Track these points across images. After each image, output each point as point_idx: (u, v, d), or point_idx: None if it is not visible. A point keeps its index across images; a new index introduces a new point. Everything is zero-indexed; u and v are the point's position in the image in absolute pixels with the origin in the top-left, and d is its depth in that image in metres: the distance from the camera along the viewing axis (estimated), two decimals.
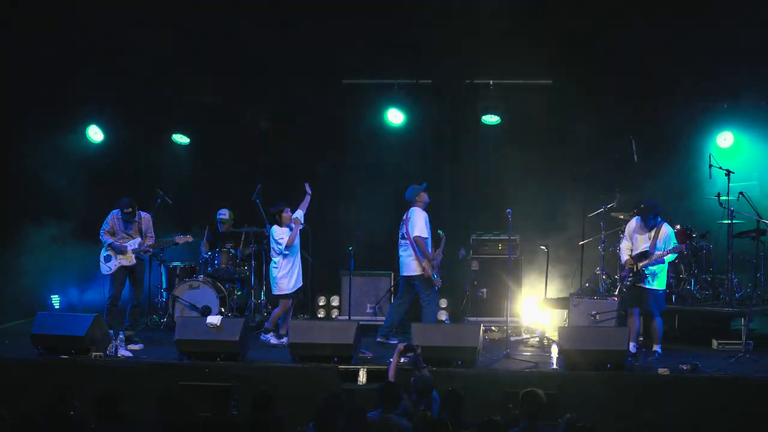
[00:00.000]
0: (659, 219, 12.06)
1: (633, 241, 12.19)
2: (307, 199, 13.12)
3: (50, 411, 8.25)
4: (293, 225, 12.80)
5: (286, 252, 12.76)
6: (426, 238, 12.81)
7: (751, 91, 14.19)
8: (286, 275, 12.80)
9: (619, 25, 13.68)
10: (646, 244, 12.00)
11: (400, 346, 10.44)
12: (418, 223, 12.79)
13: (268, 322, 12.99)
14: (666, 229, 12.03)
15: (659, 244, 11.93)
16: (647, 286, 11.93)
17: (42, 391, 8.70)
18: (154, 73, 14.46)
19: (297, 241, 12.90)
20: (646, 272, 11.89)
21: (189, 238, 13.34)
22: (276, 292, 12.96)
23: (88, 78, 14.43)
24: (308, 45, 14.26)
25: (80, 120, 15.17)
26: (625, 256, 12.18)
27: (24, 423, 7.89)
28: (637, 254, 12.04)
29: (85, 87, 14.64)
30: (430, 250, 12.83)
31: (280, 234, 12.79)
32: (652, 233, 11.99)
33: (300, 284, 13.02)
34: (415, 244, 12.74)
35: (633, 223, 12.35)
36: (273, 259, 12.95)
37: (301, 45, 14.25)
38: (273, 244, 12.89)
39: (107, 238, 12.75)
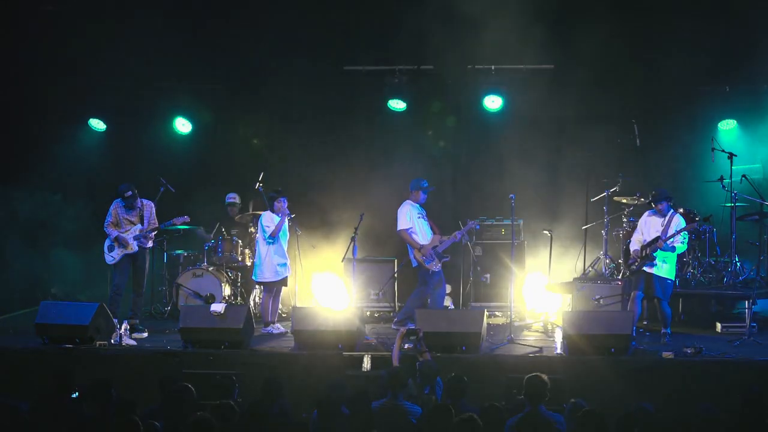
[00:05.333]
0: (672, 210, 12.09)
1: (645, 231, 12.17)
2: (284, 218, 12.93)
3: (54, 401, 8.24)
4: (283, 214, 12.79)
5: (270, 240, 12.76)
6: (409, 229, 12.63)
7: (754, 75, 14.15)
8: (269, 263, 12.77)
9: (621, 10, 13.66)
10: (658, 231, 12.00)
11: (402, 330, 10.44)
12: (399, 217, 12.71)
13: (264, 316, 12.93)
14: (677, 219, 12.09)
15: (670, 231, 11.96)
16: (654, 272, 11.93)
17: (45, 381, 8.68)
18: (155, 62, 14.45)
19: (285, 230, 12.87)
20: (654, 254, 11.88)
21: (187, 218, 13.33)
22: (258, 279, 12.97)
23: (90, 70, 14.42)
24: (309, 31, 14.24)
25: (82, 110, 15.14)
26: (635, 246, 12.18)
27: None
28: (648, 242, 12.04)
29: (87, 78, 14.63)
30: (419, 239, 12.61)
31: (267, 221, 12.80)
32: (665, 220, 12.00)
33: (287, 273, 12.96)
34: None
35: (645, 216, 12.35)
36: (258, 246, 12.93)
37: (302, 31, 14.23)
38: (260, 231, 12.87)
39: (112, 231, 12.74)
